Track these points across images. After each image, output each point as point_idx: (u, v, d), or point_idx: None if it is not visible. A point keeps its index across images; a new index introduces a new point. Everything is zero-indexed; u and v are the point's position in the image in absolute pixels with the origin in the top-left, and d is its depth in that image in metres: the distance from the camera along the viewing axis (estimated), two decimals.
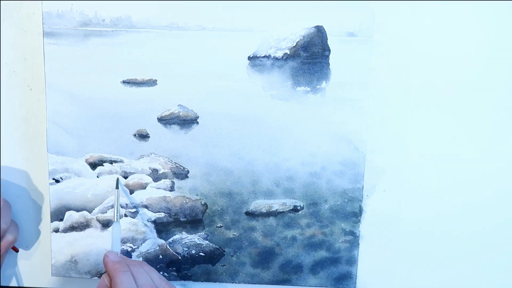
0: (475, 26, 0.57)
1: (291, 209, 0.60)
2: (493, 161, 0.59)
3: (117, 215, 0.57)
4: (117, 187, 0.58)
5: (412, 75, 0.58)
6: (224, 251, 0.60)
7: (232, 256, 0.60)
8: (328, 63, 0.57)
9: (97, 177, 0.59)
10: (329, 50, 0.57)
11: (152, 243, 0.60)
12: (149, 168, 0.59)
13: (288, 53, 0.57)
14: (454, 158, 0.59)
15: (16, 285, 0.62)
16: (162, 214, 0.60)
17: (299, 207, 0.60)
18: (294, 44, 0.57)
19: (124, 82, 0.58)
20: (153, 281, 0.54)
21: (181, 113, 0.58)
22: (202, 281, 0.61)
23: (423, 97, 0.58)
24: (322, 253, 0.60)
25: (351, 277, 0.60)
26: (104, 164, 0.59)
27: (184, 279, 0.61)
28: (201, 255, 0.60)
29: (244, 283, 0.61)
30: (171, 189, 0.60)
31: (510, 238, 0.61)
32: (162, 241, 0.60)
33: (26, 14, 0.58)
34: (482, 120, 0.59)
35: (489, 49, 0.57)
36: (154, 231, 0.60)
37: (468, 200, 0.60)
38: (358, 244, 0.60)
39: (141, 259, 0.60)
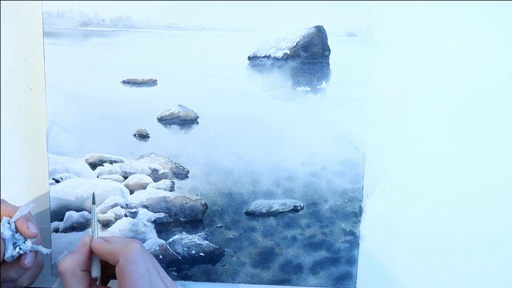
0: (475, 26, 0.57)
1: (291, 209, 0.60)
2: (494, 161, 0.59)
3: (96, 231, 0.54)
4: (93, 203, 0.55)
5: (412, 75, 0.58)
6: (224, 251, 0.60)
7: (232, 256, 0.60)
8: (328, 63, 0.57)
9: (97, 177, 0.59)
10: (329, 50, 0.57)
11: (152, 243, 0.60)
12: (149, 168, 0.59)
13: (288, 53, 0.57)
14: (454, 158, 0.59)
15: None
16: (162, 214, 0.60)
17: (299, 207, 0.60)
18: (294, 44, 0.57)
19: (124, 82, 0.58)
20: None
21: (181, 113, 0.58)
22: (202, 281, 0.61)
23: (423, 97, 0.58)
24: (322, 253, 0.60)
25: (351, 277, 0.60)
26: (104, 164, 0.59)
27: (184, 279, 0.61)
28: (201, 255, 0.60)
29: (244, 283, 0.61)
30: (171, 189, 0.60)
31: (510, 238, 0.61)
32: (162, 241, 0.60)
33: (26, 14, 0.58)
34: (482, 120, 0.59)
35: (489, 48, 0.57)
36: (154, 231, 0.60)
37: (468, 200, 0.60)
38: (358, 244, 0.60)
39: None
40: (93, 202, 0.56)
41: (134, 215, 0.60)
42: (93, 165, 0.59)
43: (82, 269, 0.52)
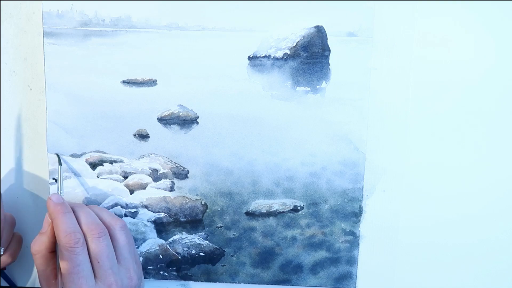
0: (475, 26, 0.57)
1: (291, 209, 0.60)
2: (494, 161, 0.59)
3: (60, 190, 0.56)
4: (60, 164, 0.57)
5: (412, 75, 0.58)
6: (224, 251, 0.60)
7: (232, 256, 0.60)
8: (328, 63, 0.57)
9: (97, 177, 0.59)
10: (329, 50, 0.57)
11: (152, 243, 0.60)
12: (149, 168, 0.59)
13: (288, 53, 0.57)
14: (454, 158, 0.59)
15: (16, 285, 0.62)
16: (162, 214, 0.60)
17: (299, 207, 0.60)
18: (294, 44, 0.57)
19: (124, 82, 0.58)
20: (103, 219, 0.53)
21: (181, 113, 0.58)
22: (202, 281, 0.61)
23: (423, 97, 0.58)
24: (322, 253, 0.60)
25: (351, 277, 0.60)
26: (104, 164, 0.59)
27: (184, 279, 0.61)
28: (201, 255, 0.60)
29: (244, 283, 0.61)
30: (171, 189, 0.60)
31: (511, 238, 0.61)
32: (162, 241, 0.60)
33: (26, 14, 0.58)
34: (483, 120, 0.59)
35: (490, 49, 0.57)
36: (154, 231, 0.60)
37: (468, 200, 0.60)
38: (358, 244, 0.60)
39: (141, 259, 0.60)
40: (60, 163, 0.57)
41: (134, 215, 0.60)
42: (93, 165, 0.59)
43: (50, 251, 0.52)
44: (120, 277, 0.51)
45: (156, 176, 0.59)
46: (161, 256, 0.60)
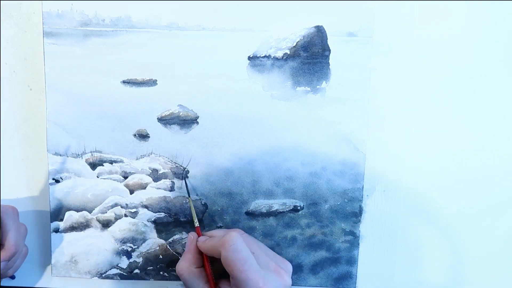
0: (475, 26, 0.57)
1: (291, 209, 0.60)
2: (494, 161, 0.59)
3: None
4: (188, 195, 0.58)
5: (412, 75, 0.58)
6: None
7: None
8: (328, 63, 0.57)
9: (97, 177, 0.59)
10: (329, 50, 0.57)
11: (152, 243, 0.60)
12: (149, 168, 0.59)
13: (288, 53, 0.57)
14: (454, 158, 0.59)
15: (16, 285, 0.62)
16: (162, 214, 0.60)
17: (299, 207, 0.60)
18: (294, 44, 0.57)
19: (124, 82, 0.58)
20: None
21: (181, 113, 0.58)
22: None
23: (423, 97, 0.58)
24: (322, 253, 0.60)
25: (351, 277, 0.60)
26: (104, 164, 0.59)
27: None
28: None
29: None
30: (171, 189, 0.60)
31: (510, 238, 0.61)
32: (162, 241, 0.60)
33: (26, 14, 0.58)
34: (483, 120, 0.59)
35: (489, 49, 0.57)
36: (154, 231, 0.60)
37: (468, 201, 0.60)
38: (358, 244, 0.60)
39: (141, 259, 0.60)
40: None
41: (134, 215, 0.60)
42: (93, 165, 0.59)
43: (197, 266, 0.54)
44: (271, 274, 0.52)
45: (156, 176, 0.59)
46: (161, 256, 0.60)
